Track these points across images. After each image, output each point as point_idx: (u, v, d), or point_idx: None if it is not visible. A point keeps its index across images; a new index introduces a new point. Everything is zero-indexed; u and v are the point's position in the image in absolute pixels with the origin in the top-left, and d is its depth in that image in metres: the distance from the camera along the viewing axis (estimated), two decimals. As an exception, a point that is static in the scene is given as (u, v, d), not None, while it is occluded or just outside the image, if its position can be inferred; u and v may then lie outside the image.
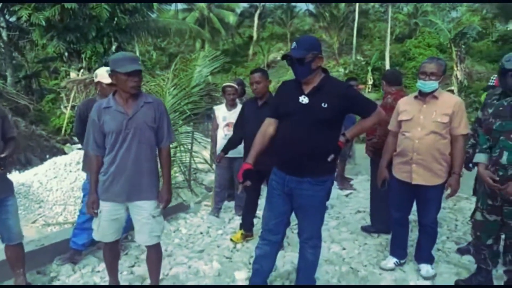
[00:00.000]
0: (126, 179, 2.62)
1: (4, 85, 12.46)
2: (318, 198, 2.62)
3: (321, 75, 2.58)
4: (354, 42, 31.29)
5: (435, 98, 3.11)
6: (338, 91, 2.53)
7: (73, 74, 13.40)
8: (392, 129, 3.37)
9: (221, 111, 4.85)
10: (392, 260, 3.46)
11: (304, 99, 2.53)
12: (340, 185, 6.48)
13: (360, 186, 6.48)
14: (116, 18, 13.18)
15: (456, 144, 3.07)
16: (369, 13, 36.02)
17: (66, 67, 13.95)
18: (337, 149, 2.58)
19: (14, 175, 5.95)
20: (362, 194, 5.96)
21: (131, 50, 16.90)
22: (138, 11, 14.10)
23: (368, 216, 4.53)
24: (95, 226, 2.73)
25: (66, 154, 7.60)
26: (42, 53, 19.20)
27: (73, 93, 11.48)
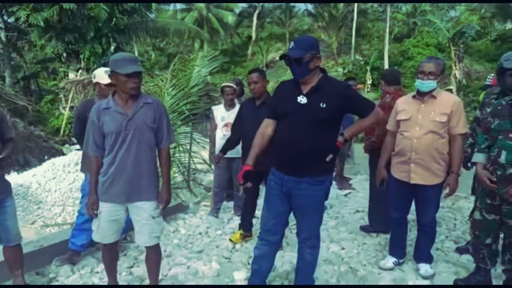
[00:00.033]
0: (126, 180, 2.62)
1: (2, 86, 12.43)
2: (317, 198, 2.62)
3: (319, 75, 2.58)
4: (353, 41, 31.30)
5: (434, 97, 3.11)
6: (336, 91, 2.53)
7: (71, 75, 13.38)
8: (390, 128, 3.37)
9: (219, 111, 4.85)
10: (391, 259, 3.47)
11: (302, 99, 2.53)
12: (339, 184, 6.49)
13: (359, 186, 6.50)
14: (114, 19, 13.15)
15: (454, 143, 3.07)
16: (367, 12, 36.03)
17: (65, 68, 13.93)
18: (335, 149, 2.58)
19: (13, 176, 5.94)
20: (361, 194, 5.97)
21: (130, 51, 16.89)
22: (136, 11, 14.08)
23: (367, 215, 4.53)
24: (95, 227, 2.73)
25: (64, 155, 7.58)
26: (41, 53, 19.18)
27: (71, 93, 11.46)
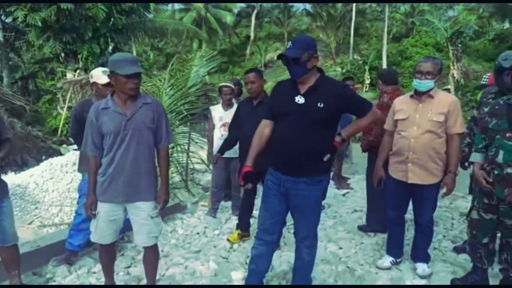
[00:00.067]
0: (125, 180, 2.61)
1: (0, 86, 12.40)
2: (314, 198, 2.62)
3: (316, 75, 2.57)
4: (351, 41, 31.32)
5: (431, 97, 3.11)
6: (334, 91, 2.53)
7: (69, 75, 13.36)
8: (388, 128, 3.37)
9: (217, 111, 4.85)
10: (388, 259, 3.47)
11: (300, 99, 2.53)
12: (337, 184, 6.50)
13: (357, 185, 6.50)
14: (112, 19, 13.14)
15: (451, 143, 3.07)
16: (366, 12, 36.06)
17: (63, 68, 13.91)
18: (333, 149, 2.58)
19: (10, 176, 5.93)
20: (359, 194, 5.97)
21: (128, 51, 16.86)
22: (134, 11, 14.07)
23: (365, 215, 4.53)
24: (93, 228, 2.71)
25: (62, 155, 7.57)
26: (39, 54, 19.16)
27: (69, 93, 11.44)
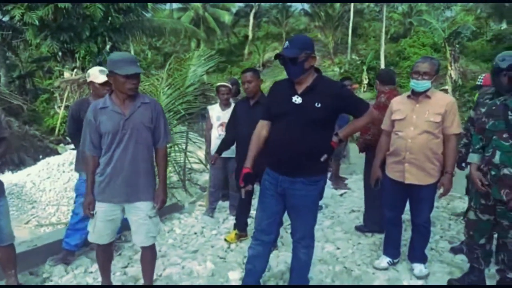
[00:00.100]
0: (123, 180, 2.60)
1: (-3, 85, 12.41)
2: (311, 198, 2.62)
3: (314, 75, 2.57)
4: (349, 41, 31.36)
5: (428, 97, 3.11)
6: (331, 91, 2.53)
7: (66, 74, 13.33)
8: (385, 128, 3.37)
9: (215, 111, 4.84)
10: (385, 259, 3.47)
11: (297, 99, 2.52)
12: (334, 184, 6.49)
13: (354, 186, 6.50)
14: (110, 18, 13.12)
15: (448, 143, 3.08)
16: (364, 12, 36.14)
17: (60, 67, 13.87)
18: (330, 149, 2.58)
19: (7, 176, 5.91)
20: (357, 194, 5.97)
21: (126, 50, 16.85)
22: (132, 11, 14.05)
23: (362, 215, 4.53)
24: (91, 228, 2.70)
25: (59, 154, 7.55)
26: (36, 52, 19.10)
27: (66, 93, 11.41)
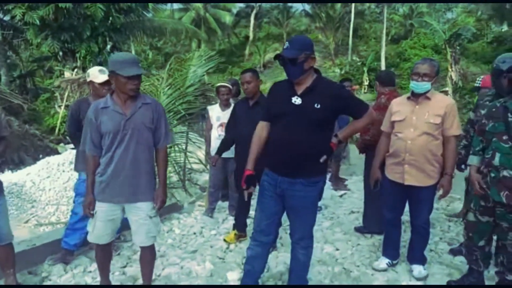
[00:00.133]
0: (124, 180, 2.59)
1: (-2, 84, 12.42)
2: (310, 199, 2.62)
3: (313, 76, 2.57)
4: (350, 42, 31.38)
5: (428, 99, 3.11)
6: (330, 92, 2.53)
7: (67, 74, 13.34)
8: (385, 129, 3.37)
9: (215, 111, 4.84)
10: (384, 260, 3.47)
11: (297, 100, 2.52)
12: (334, 185, 6.49)
13: (354, 187, 6.49)
14: (111, 18, 13.13)
15: (448, 145, 3.07)
16: (365, 14, 36.14)
17: (61, 67, 13.89)
18: (329, 150, 2.57)
19: (7, 175, 5.92)
20: (356, 195, 5.97)
21: (127, 50, 16.85)
22: (133, 11, 14.06)
23: (362, 216, 4.53)
24: (91, 228, 2.69)
25: (59, 154, 7.55)
26: (37, 52, 19.14)
27: (67, 92, 11.42)
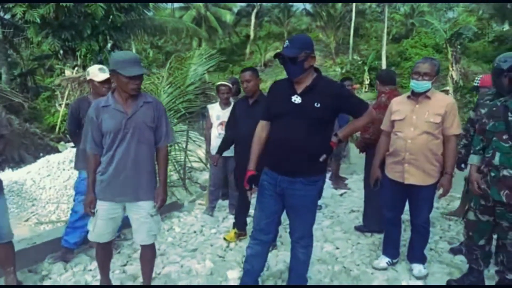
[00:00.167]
0: (125, 179, 2.59)
1: (-2, 82, 12.42)
2: (310, 198, 2.61)
3: (313, 75, 2.56)
4: (351, 41, 31.33)
5: (428, 98, 3.11)
6: (330, 91, 2.53)
7: (67, 72, 13.34)
8: (385, 129, 3.36)
9: (215, 110, 4.84)
10: (384, 259, 3.47)
11: (296, 99, 2.52)
12: (334, 184, 6.49)
13: (354, 186, 6.49)
14: (111, 16, 13.12)
15: (448, 144, 3.07)
16: (366, 13, 36.05)
17: (61, 65, 13.89)
18: (329, 149, 2.57)
19: (7, 173, 5.92)
20: (357, 194, 5.97)
21: (128, 48, 16.85)
22: (134, 9, 14.05)
23: (362, 215, 4.52)
24: (91, 226, 2.69)
25: (59, 152, 7.56)
26: (38, 50, 19.13)
27: (67, 91, 11.42)
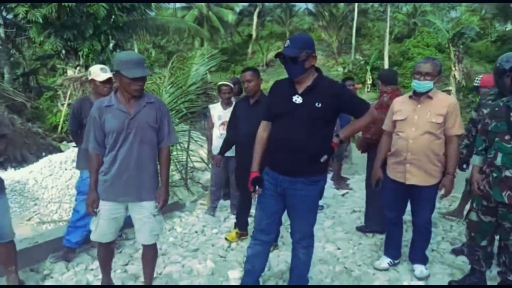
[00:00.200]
0: (128, 179, 2.59)
1: (1, 82, 12.40)
2: (311, 198, 2.61)
3: (314, 75, 2.56)
4: (353, 41, 31.27)
5: (430, 98, 3.10)
6: (331, 91, 2.52)
7: (70, 72, 13.36)
8: (386, 129, 3.35)
9: (216, 110, 4.84)
10: (386, 260, 3.46)
11: (297, 99, 2.51)
12: (336, 184, 6.48)
13: (356, 186, 6.48)
14: (113, 16, 13.12)
15: (450, 144, 3.06)
16: (368, 12, 35.97)
17: (63, 65, 13.91)
18: (330, 149, 2.57)
19: (10, 172, 5.92)
20: (358, 194, 5.96)
21: (130, 48, 16.87)
22: (136, 9, 14.04)
23: (363, 216, 4.51)
24: (93, 226, 2.69)
25: (62, 152, 7.57)
26: (40, 50, 19.17)
27: (69, 90, 11.44)
